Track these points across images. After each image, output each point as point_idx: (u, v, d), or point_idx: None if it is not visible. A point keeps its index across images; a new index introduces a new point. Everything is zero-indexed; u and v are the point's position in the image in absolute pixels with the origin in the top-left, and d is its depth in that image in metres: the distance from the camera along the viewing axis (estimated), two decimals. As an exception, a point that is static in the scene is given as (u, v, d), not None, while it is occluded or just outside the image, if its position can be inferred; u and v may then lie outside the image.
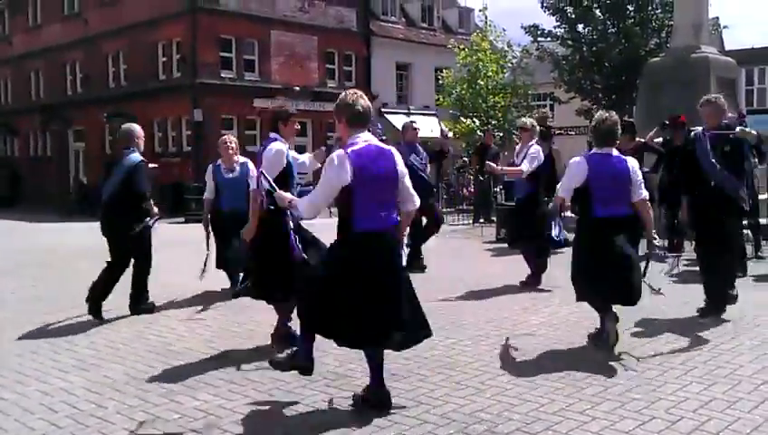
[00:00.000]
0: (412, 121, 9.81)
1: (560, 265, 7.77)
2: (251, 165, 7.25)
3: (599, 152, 5.51)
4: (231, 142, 7.84)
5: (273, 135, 5.56)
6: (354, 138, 4.21)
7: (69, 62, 31.43)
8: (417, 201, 4.47)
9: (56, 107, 31.28)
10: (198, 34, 25.31)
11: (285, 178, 5.33)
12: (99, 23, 28.75)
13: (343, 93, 4.35)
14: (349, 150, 4.11)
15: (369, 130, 4.33)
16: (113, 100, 27.74)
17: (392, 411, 4.20)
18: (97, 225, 7.12)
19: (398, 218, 4.34)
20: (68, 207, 25.40)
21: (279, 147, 5.41)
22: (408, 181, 4.36)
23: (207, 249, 7.87)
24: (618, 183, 5.41)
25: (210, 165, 8.03)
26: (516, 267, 8.44)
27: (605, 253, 5.32)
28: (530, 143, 8.05)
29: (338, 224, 4.25)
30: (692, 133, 6.84)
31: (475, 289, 7.95)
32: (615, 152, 5.51)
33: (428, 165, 9.76)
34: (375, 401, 4.28)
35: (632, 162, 5.55)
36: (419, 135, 9.65)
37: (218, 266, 7.93)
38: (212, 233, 7.87)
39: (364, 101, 4.26)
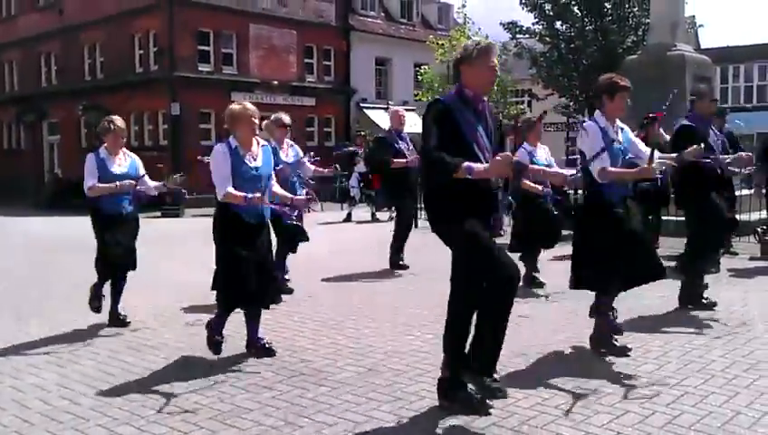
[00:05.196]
0: (398, 109, 9.77)
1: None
2: (298, 149, 7.73)
3: None
4: (285, 122, 7.62)
5: (597, 114, 5.21)
6: None
7: (44, 54, 31.02)
8: None
9: (31, 99, 30.86)
10: (176, 27, 25.08)
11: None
12: (75, 13, 28.40)
13: None
14: None
15: None
16: (89, 92, 27.43)
17: (367, 407, 4.22)
18: (73, 218, 7.05)
19: None
20: (39, 201, 25.02)
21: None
22: None
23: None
24: None
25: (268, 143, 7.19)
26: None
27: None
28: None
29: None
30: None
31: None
32: None
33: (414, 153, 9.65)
34: None
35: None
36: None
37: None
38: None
39: None
